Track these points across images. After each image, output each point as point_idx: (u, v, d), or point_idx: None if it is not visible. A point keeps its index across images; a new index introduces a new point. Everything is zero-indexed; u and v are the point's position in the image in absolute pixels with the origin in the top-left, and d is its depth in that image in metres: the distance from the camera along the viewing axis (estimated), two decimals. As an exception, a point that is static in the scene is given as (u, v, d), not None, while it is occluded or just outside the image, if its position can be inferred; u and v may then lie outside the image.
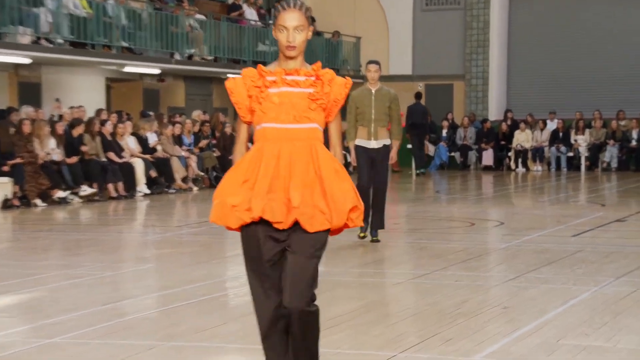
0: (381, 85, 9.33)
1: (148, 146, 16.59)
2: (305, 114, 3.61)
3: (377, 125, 9.17)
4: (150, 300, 6.74)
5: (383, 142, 9.24)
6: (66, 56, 16.52)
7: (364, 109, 9.17)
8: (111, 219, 13.13)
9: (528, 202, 15.66)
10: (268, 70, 3.68)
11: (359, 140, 9.23)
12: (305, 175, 3.56)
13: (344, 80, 3.73)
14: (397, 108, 9.27)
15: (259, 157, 3.59)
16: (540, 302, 6.38)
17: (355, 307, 6.23)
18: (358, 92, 9.27)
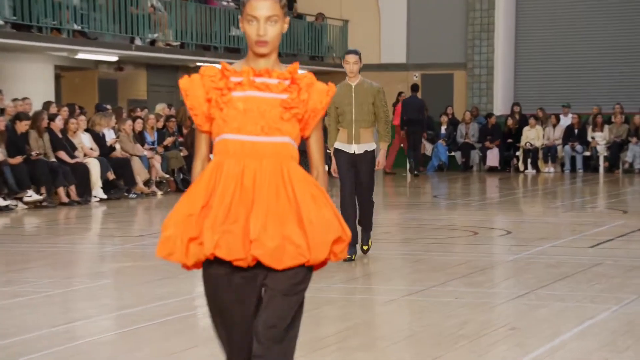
0: (362, 79, 9.02)
1: (105, 145, 16.53)
2: (275, 124, 3.38)
3: (359, 126, 8.90)
4: (108, 321, 6.70)
5: (365, 146, 8.94)
6: (8, 40, 16.46)
7: (343, 109, 8.91)
8: (62, 228, 13.06)
9: (539, 208, 15.72)
10: (233, 70, 3.44)
11: (338, 143, 8.99)
12: (273, 200, 3.32)
13: (325, 87, 3.52)
14: (382, 104, 8.98)
15: (217, 177, 3.35)
16: (553, 322, 6.40)
17: (343, 329, 6.23)
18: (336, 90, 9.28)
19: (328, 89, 3.54)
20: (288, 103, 3.42)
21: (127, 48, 18.98)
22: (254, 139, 3.37)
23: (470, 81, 24.83)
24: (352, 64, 8.91)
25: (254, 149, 3.37)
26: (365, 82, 9.00)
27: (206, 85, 3.42)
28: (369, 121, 8.94)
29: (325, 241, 3.36)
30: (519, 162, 23.43)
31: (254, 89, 3.41)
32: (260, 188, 3.33)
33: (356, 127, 8.88)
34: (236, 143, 3.37)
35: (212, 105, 3.41)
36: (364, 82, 9.00)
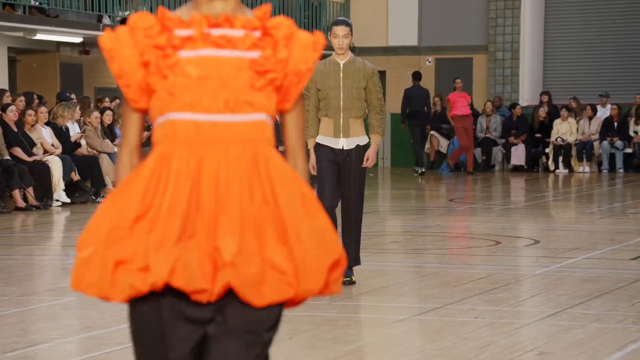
0: (353, 57, 8.36)
1: (69, 140, 16.55)
2: (244, 96, 2.77)
3: (348, 115, 8.21)
4: (71, 345, 6.69)
5: (357, 140, 8.27)
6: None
7: (328, 92, 8.20)
8: (18, 237, 13.05)
9: (571, 214, 15.72)
10: (177, 18, 2.80)
11: (321, 137, 8.25)
12: (246, 204, 2.72)
13: (311, 38, 2.87)
14: (377, 89, 8.31)
15: (162, 174, 2.75)
16: (589, 346, 6.40)
17: (344, 353, 6.23)
18: (319, 68, 8.21)
19: (315, 40, 2.87)
20: (261, 64, 2.80)
21: (94, 28, 18.98)
22: (215, 118, 2.76)
23: (492, 67, 24.83)
24: (341, 37, 8.23)
25: (215, 132, 2.76)
26: (357, 61, 8.35)
27: (139, 42, 2.78)
28: (360, 109, 8.29)
29: (320, 266, 2.76)
30: (548, 160, 23.40)
31: (210, 46, 2.79)
32: (227, 188, 2.73)
33: (345, 117, 8.22)
34: (189, 125, 2.75)
35: (151, 72, 2.77)
36: (355, 61, 8.34)
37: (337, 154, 8.21)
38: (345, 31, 8.22)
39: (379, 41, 25.50)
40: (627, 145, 22.93)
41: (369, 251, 11.30)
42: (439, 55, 25.33)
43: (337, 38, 8.21)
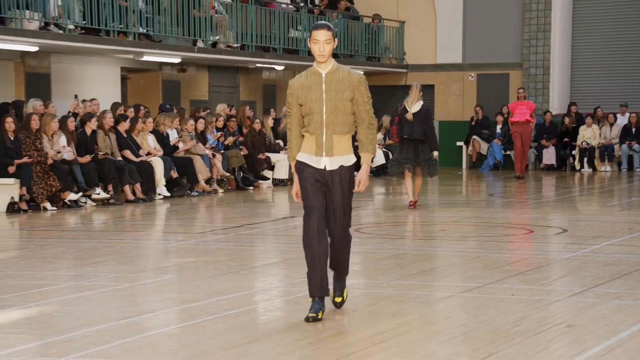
0: (337, 65, 6.35)
1: (168, 144, 16.72)
2: None
3: (332, 131, 6.29)
4: (172, 314, 6.77)
5: (341, 160, 6.33)
6: (77, 44, 16.71)
7: (310, 106, 6.29)
8: (128, 224, 13.23)
9: (595, 206, 15.53)
10: None
11: (303, 155, 6.37)
12: None
13: None
14: (365, 100, 6.38)
15: None
16: (610, 320, 6.33)
17: (401, 323, 6.23)
18: (300, 80, 6.38)
19: None
20: None
21: (190, 50, 19.16)
22: None
23: (526, 81, 24.59)
24: (322, 42, 6.24)
25: None
26: (340, 70, 6.34)
27: None
28: (347, 124, 6.33)
29: None
30: (575, 160, 23.21)
31: None
32: None
33: (328, 133, 6.29)
34: None
35: None
36: (338, 70, 6.33)
37: (320, 174, 6.32)
38: (327, 36, 6.24)
39: (429, 59, 25.41)
40: (643, 147, 22.69)
41: (420, 238, 11.31)
42: (480, 71, 25.16)
43: (318, 44, 6.25)
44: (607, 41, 24.47)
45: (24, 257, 9.89)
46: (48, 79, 17.66)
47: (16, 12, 15.53)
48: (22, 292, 7.50)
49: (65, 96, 17.46)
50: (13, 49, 16.23)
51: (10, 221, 13.04)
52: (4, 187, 13.82)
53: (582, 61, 24.88)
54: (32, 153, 14.03)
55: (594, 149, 22.96)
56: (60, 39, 16.28)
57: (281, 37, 21.49)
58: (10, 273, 8.65)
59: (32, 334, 6.10)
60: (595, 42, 24.63)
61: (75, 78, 18.25)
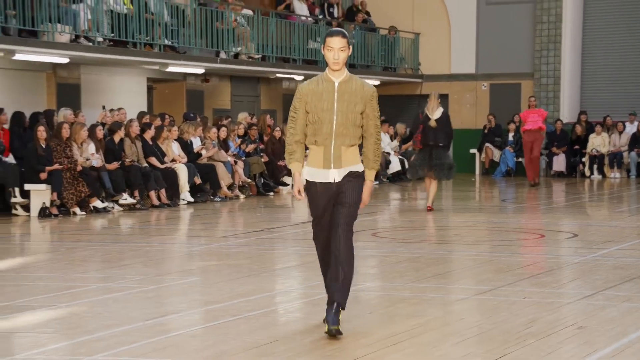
0: (350, 75, 5.91)
1: (192, 151, 16.76)
2: None
3: (341, 142, 5.85)
4: (196, 315, 6.79)
5: (349, 168, 5.90)
6: (106, 55, 16.80)
7: (319, 115, 5.81)
8: (153, 228, 13.26)
9: (605, 212, 15.45)
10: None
11: (309, 169, 5.90)
12: None
13: None
14: (375, 114, 5.92)
15: None
16: (620, 322, 6.29)
17: (416, 325, 6.22)
18: (311, 86, 5.89)
19: None
20: None
21: (213, 61, 19.21)
22: None
23: (537, 90, 24.50)
24: (337, 50, 5.78)
25: None
26: (354, 81, 5.89)
27: None
28: (355, 137, 5.88)
29: None
30: (585, 167, 23.09)
31: None
32: None
33: (337, 145, 5.84)
34: None
35: None
36: (352, 80, 5.88)
37: (330, 189, 5.88)
38: (342, 43, 5.77)
39: (444, 69, 25.37)
40: (651, 155, 22.57)
41: (434, 242, 11.28)
42: (492, 81, 25.09)
43: (332, 51, 5.78)
44: (616, 52, 24.36)
45: (54, 259, 9.94)
46: (78, 89, 17.75)
47: (48, 25, 15.62)
48: (53, 293, 7.53)
49: (94, 106, 17.54)
50: (45, 60, 16.32)
51: (41, 225, 13.11)
52: (36, 193, 13.91)
53: (592, 71, 24.78)
54: (62, 160, 14.10)
55: (603, 156, 22.84)
56: (89, 51, 16.36)
57: (300, 49, 21.52)
58: (42, 275, 8.70)
59: (63, 333, 6.12)
60: (604, 53, 24.52)
61: (104, 88, 18.33)
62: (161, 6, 17.94)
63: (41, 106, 16.45)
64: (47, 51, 15.71)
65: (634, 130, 22.93)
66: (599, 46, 24.60)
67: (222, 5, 19.80)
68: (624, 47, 24.28)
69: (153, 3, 17.81)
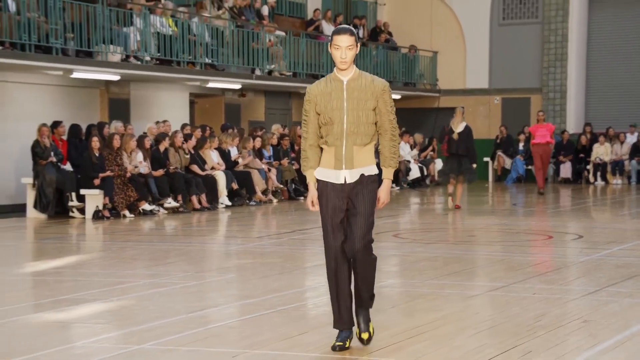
0: (359, 72, 5.19)
1: (230, 160, 16.81)
2: None
3: (353, 142, 5.13)
4: (233, 309, 6.80)
5: (362, 170, 5.16)
6: (153, 73, 16.91)
7: (330, 115, 5.12)
8: (195, 230, 13.31)
9: (608, 215, 15.31)
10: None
11: (321, 170, 5.19)
12: None
13: None
14: (389, 109, 5.19)
15: None
16: (622, 316, 6.23)
17: (434, 319, 6.20)
18: (320, 87, 5.21)
19: None
20: None
21: (249, 77, 19.28)
22: None
23: (545, 104, 24.36)
24: (344, 49, 5.09)
25: None
26: (363, 77, 5.17)
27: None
28: (368, 135, 5.16)
29: None
30: (589, 174, 22.92)
31: None
32: None
33: (348, 144, 5.13)
34: None
35: None
36: (361, 77, 5.16)
37: (341, 190, 5.15)
38: (350, 42, 5.09)
39: (459, 84, 25.29)
40: (651, 163, 22.38)
41: (451, 242, 11.23)
42: (504, 95, 24.98)
43: (339, 50, 5.09)
44: (618, 69, 24.20)
45: (106, 257, 10.01)
46: (128, 104, 17.88)
47: (102, 46, 15.76)
48: (106, 288, 7.58)
49: (142, 118, 17.65)
50: (99, 78, 16.47)
51: (95, 227, 13.21)
52: (91, 197, 14.02)
53: (596, 86, 24.62)
54: (113, 168, 14.21)
55: (606, 164, 22.67)
56: (138, 69, 16.49)
57: (328, 66, 21.51)
58: (96, 272, 8.76)
59: (115, 324, 6.16)
60: (607, 70, 24.36)
61: (151, 103, 18.45)
62: (202, 28, 18.04)
63: (95, 119, 16.59)
64: (100, 70, 15.85)
65: (634, 140, 22.78)
66: (602, 63, 24.44)
67: (257, 27, 19.86)
68: (625, 65, 24.13)
69: (195, 25, 17.90)
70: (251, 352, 5.23)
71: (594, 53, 24.58)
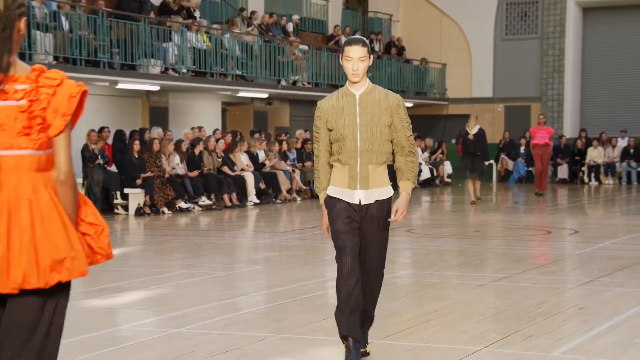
0: (373, 86, 4.41)
1: (258, 162, 16.84)
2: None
3: (367, 160, 4.34)
4: (261, 297, 6.81)
5: (377, 193, 4.37)
6: (189, 84, 16.97)
7: (342, 131, 4.34)
8: (226, 225, 13.34)
9: (601, 212, 15.19)
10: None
11: (332, 188, 4.40)
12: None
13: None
14: (404, 125, 4.41)
15: None
16: (614, 303, 6.19)
17: (443, 306, 6.18)
18: (331, 102, 4.44)
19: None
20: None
21: (275, 87, 19.30)
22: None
23: (544, 111, 24.19)
24: (356, 60, 4.30)
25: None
26: (377, 91, 4.39)
27: None
28: (384, 153, 4.36)
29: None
30: (584, 175, 22.76)
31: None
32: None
33: (363, 163, 4.33)
34: None
35: None
36: (375, 91, 4.38)
37: (354, 210, 4.36)
38: (362, 53, 4.30)
39: (466, 94, 25.20)
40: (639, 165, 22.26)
41: (458, 237, 11.19)
42: (507, 103, 24.84)
43: (351, 61, 4.32)
44: (611, 79, 24.06)
45: (147, 250, 10.06)
46: (166, 112, 17.96)
47: (144, 60, 15.85)
48: (146, 277, 7.62)
49: (179, 125, 17.73)
50: (140, 89, 16.56)
51: (137, 222, 13.27)
52: (133, 196, 14.09)
53: (590, 95, 24.47)
54: (153, 169, 14.27)
55: (599, 166, 22.51)
56: (176, 80, 16.56)
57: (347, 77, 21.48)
58: (138, 262, 8.80)
59: (154, 310, 6.19)
60: (600, 80, 24.22)
61: (187, 110, 18.52)
62: (233, 43, 18.08)
63: (137, 125, 16.67)
64: (142, 81, 15.94)
65: (625, 144, 22.63)
66: (596, 75, 24.29)
67: (283, 42, 19.88)
68: (616, 76, 23.98)
69: (227, 40, 17.95)
70: (277, 336, 5.23)
71: (589, 65, 24.42)
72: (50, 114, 2.53)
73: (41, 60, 13.86)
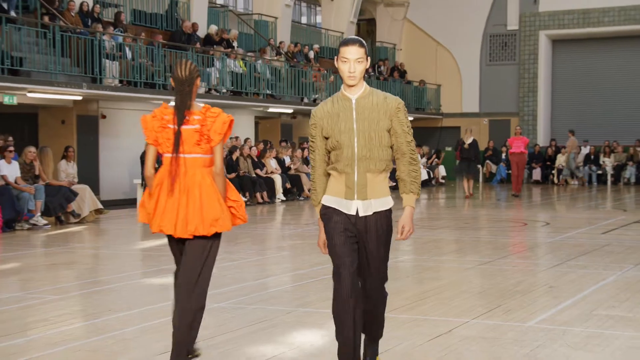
0: (370, 89, 3.39)
1: (285, 166, 16.87)
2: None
3: (365, 168, 3.34)
4: (287, 278, 6.82)
5: (376, 204, 3.35)
6: (228, 101, 17.02)
7: (338, 138, 3.35)
8: (258, 218, 13.33)
9: (567, 208, 15.08)
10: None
11: (328, 198, 3.39)
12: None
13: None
14: (405, 129, 3.38)
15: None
16: (578, 282, 6.16)
17: (439, 285, 6.17)
18: (325, 108, 3.42)
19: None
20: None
21: (299, 104, 19.33)
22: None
23: (521, 124, 24.08)
24: (352, 61, 3.31)
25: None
26: (374, 94, 3.38)
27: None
28: (383, 160, 3.36)
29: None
30: (554, 177, 22.62)
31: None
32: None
33: (360, 171, 3.33)
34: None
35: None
36: (372, 94, 3.37)
37: (350, 222, 3.34)
38: (359, 54, 3.30)
39: (457, 109, 25.13)
40: (599, 169, 22.08)
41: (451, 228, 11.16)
42: (491, 117, 24.75)
43: (347, 63, 3.31)
44: (576, 98, 23.97)
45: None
46: (209, 125, 18.00)
47: (190, 82, 15.90)
48: (193, 260, 7.64)
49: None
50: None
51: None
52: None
53: (559, 112, 24.37)
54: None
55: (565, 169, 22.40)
56: (217, 99, 16.61)
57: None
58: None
59: (200, 287, 6.21)
60: (567, 99, 24.12)
61: (226, 123, 18.56)
62: (264, 67, 18.13)
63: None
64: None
65: (587, 152, 22.56)
66: (564, 94, 24.21)
67: (306, 66, 19.90)
68: (581, 95, 23.91)
69: (259, 65, 18.00)
70: (301, 310, 5.25)
71: (558, 87, 24.32)
72: (212, 133, 3.53)
73: (109, 84, 14.00)
